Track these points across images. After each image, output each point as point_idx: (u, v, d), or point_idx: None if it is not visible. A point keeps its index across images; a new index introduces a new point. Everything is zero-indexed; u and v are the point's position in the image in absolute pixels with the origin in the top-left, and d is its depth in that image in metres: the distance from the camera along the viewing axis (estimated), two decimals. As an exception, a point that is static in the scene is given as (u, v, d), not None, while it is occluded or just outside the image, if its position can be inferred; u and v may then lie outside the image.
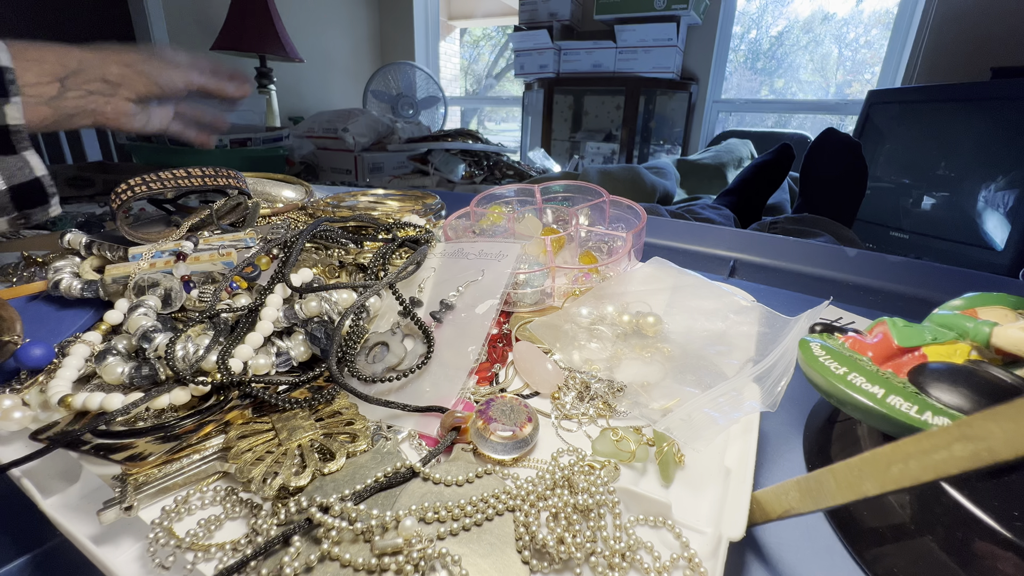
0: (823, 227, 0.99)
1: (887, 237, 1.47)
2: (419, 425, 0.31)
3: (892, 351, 0.31)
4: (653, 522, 0.25)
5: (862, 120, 1.58)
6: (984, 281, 0.61)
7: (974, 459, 0.16)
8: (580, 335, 0.41)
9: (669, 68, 2.12)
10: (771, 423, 0.36)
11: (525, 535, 0.23)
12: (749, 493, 0.25)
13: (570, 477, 0.26)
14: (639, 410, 0.34)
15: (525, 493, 0.25)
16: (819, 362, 0.30)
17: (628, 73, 2.19)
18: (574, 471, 0.27)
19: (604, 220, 0.56)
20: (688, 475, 0.29)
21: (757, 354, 0.36)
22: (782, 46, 2.58)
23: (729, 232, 0.75)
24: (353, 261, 0.47)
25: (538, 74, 2.41)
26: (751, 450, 0.28)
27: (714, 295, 0.44)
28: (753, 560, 0.26)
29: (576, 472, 0.27)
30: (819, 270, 0.64)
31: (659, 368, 0.37)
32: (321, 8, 2.74)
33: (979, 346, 0.30)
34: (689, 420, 0.29)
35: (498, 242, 0.47)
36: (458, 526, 0.24)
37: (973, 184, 1.30)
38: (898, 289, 0.59)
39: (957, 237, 1.32)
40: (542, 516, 0.24)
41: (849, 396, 0.27)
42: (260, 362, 0.32)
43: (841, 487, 0.20)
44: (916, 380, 0.27)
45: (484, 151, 1.85)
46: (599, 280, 0.47)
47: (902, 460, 0.18)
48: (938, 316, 0.34)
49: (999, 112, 1.26)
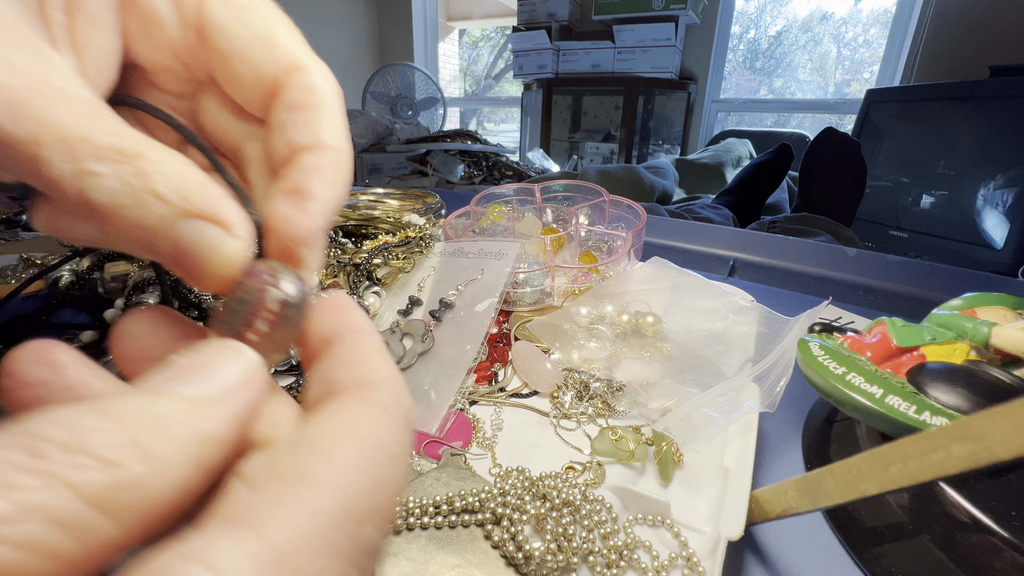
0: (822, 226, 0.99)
1: (886, 236, 1.47)
2: (416, 424, 0.31)
3: (891, 351, 0.31)
4: (652, 521, 0.25)
5: (861, 119, 1.58)
6: (983, 280, 0.61)
7: (972, 459, 0.16)
8: (579, 334, 0.41)
9: (668, 68, 2.12)
10: (770, 423, 0.36)
11: (510, 545, 0.23)
12: (748, 493, 0.25)
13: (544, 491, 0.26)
14: (638, 410, 0.34)
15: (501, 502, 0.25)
16: (818, 362, 0.30)
17: (627, 73, 2.19)
18: (545, 483, 0.26)
19: (604, 219, 0.56)
20: (687, 475, 0.29)
21: (756, 354, 0.36)
22: (781, 46, 2.59)
23: (728, 231, 0.75)
24: (350, 261, 0.47)
25: (537, 75, 2.41)
26: (750, 450, 0.28)
27: (713, 295, 0.44)
28: (752, 559, 0.26)
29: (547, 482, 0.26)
30: (818, 270, 0.64)
31: (658, 368, 0.37)
32: (320, 9, 2.73)
33: (978, 346, 0.30)
34: (688, 420, 0.30)
35: (498, 241, 0.47)
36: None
37: (972, 182, 1.30)
38: (897, 289, 0.59)
39: (956, 236, 1.32)
40: (525, 529, 0.24)
41: (848, 396, 0.27)
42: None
43: (840, 487, 0.20)
44: (915, 380, 0.27)
45: (483, 152, 1.85)
46: (598, 279, 0.47)
47: (901, 460, 0.18)
48: (937, 316, 0.34)
49: (998, 110, 1.26)
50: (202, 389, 0.11)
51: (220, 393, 0.11)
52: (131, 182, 0.12)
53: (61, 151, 0.11)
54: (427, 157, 1.79)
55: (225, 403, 0.11)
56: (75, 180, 0.11)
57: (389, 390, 0.12)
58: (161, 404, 0.10)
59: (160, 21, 0.15)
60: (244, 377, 0.12)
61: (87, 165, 0.11)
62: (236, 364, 0.12)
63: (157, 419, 0.09)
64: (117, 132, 0.12)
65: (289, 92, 0.16)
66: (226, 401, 0.11)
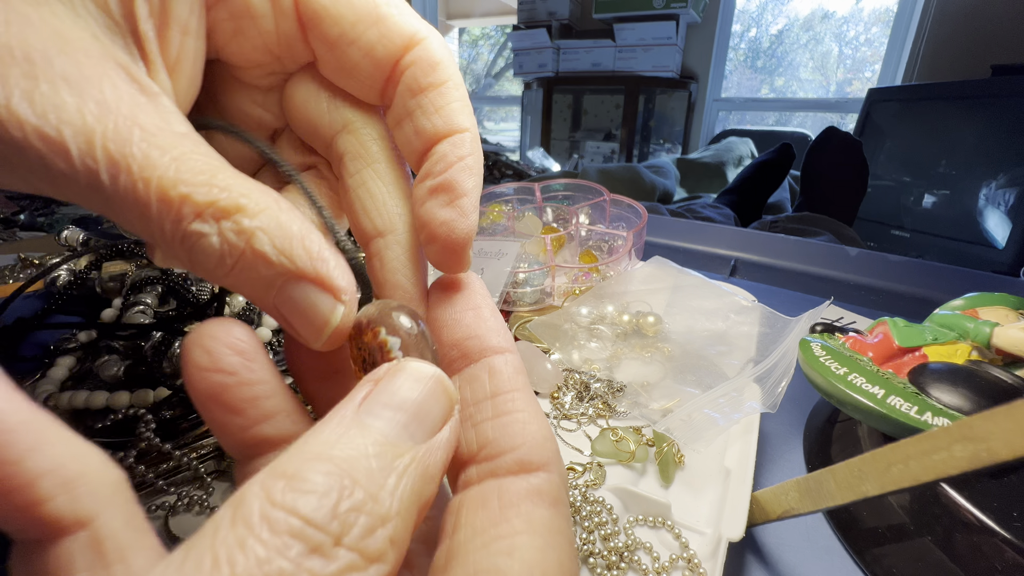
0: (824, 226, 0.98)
1: (888, 235, 1.47)
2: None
3: (893, 351, 0.31)
4: (652, 523, 0.25)
5: (862, 118, 1.57)
6: (985, 280, 0.61)
7: (974, 460, 0.16)
8: (580, 335, 0.41)
9: (668, 67, 2.12)
10: (771, 423, 0.36)
11: None
12: (749, 494, 0.25)
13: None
14: (639, 410, 0.33)
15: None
16: (819, 362, 0.29)
17: (627, 72, 2.19)
18: None
19: (604, 219, 0.56)
20: (688, 476, 0.29)
21: (758, 354, 0.36)
22: (782, 44, 2.58)
23: (730, 231, 0.75)
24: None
25: (537, 73, 2.41)
26: (751, 451, 0.28)
27: (715, 295, 0.44)
28: (753, 561, 0.26)
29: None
30: (820, 269, 0.64)
31: (659, 368, 0.37)
32: (320, 7, 2.73)
33: (980, 346, 0.30)
34: (689, 421, 0.29)
35: (498, 240, 0.47)
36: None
37: (974, 182, 1.30)
38: (899, 289, 0.59)
39: (958, 235, 1.32)
40: None
41: (849, 396, 0.27)
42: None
43: (841, 487, 0.20)
44: (916, 380, 0.27)
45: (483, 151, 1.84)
46: (599, 279, 0.47)
47: (902, 461, 0.18)
48: (939, 316, 0.34)
49: (999, 109, 1.25)
50: (419, 432, 0.11)
51: (435, 441, 0.11)
52: (232, 241, 0.11)
53: (162, 210, 0.11)
54: (427, 156, 1.78)
55: (439, 454, 0.11)
56: (178, 240, 0.11)
57: (551, 469, 0.12)
58: (388, 452, 0.10)
59: (255, 15, 0.14)
60: (448, 409, 0.12)
61: (189, 227, 0.11)
62: (441, 397, 0.12)
63: (391, 476, 0.10)
64: (214, 182, 0.11)
65: (412, 73, 0.15)
66: (440, 451, 0.11)
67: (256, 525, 0.08)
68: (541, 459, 0.12)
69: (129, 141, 0.11)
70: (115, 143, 0.11)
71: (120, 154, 0.11)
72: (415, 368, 0.12)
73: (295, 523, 0.08)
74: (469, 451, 0.13)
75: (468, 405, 0.13)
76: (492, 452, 0.12)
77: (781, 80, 2.63)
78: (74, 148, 0.10)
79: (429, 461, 0.11)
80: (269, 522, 0.08)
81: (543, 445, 0.12)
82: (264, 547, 0.08)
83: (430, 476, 0.11)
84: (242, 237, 0.11)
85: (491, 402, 0.13)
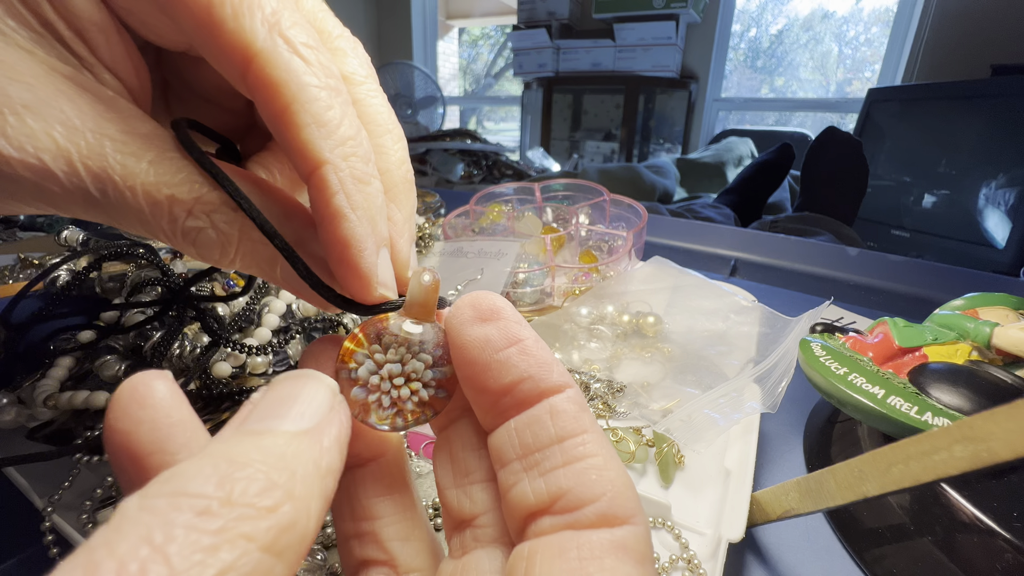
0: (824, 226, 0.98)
1: (888, 235, 1.47)
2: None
3: (893, 351, 0.31)
4: (652, 523, 0.25)
5: (862, 118, 1.57)
6: (985, 280, 0.61)
7: (974, 460, 0.16)
8: (580, 335, 0.41)
9: (668, 67, 2.12)
10: (771, 424, 0.36)
11: None
12: (749, 494, 0.25)
13: None
14: (639, 411, 0.33)
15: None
16: (820, 362, 0.29)
17: (627, 72, 2.19)
18: None
19: (604, 219, 0.56)
20: (688, 476, 0.29)
21: (758, 355, 0.36)
22: (782, 44, 2.58)
23: (730, 231, 0.75)
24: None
25: (537, 73, 2.41)
26: (751, 451, 0.28)
27: (715, 295, 0.44)
28: (753, 561, 0.26)
29: None
30: (820, 269, 0.64)
31: (659, 368, 0.37)
32: (320, 7, 2.73)
33: (980, 347, 0.30)
34: (689, 421, 0.29)
35: (497, 240, 0.47)
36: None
37: (974, 182, 1.30)
38: (899, 289, 0.59)
39: (958, 235, 1.32)
40: None
41: (849, 396, 0.27)
42: (258, 360, 0.32)
43: (841, 488, 0.20)
44: (916, 380, 0.27)
45: (483, 151, 1.84)
46: (599, 279, 0.47)
47: (902, 461, 0.18)
48: (939, 316, 0.34)
49: (1000, 109, 1.25)
50: (300, 423, 0.11)
51: (319, 423, 0.11)
52: (226, 230, 0.12)
53: (155, 213, 0.12)
54: (426, 156, 1.78)
55: (326, 432, 0.11)
56: (179, 237, 0.12)
57: (637, 522, 0.11)
58: (273, 443, 0.10)
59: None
60: (330, 403, 0.11)
61: (185, 223, 0.12)
62: (320, 393, 0.11)
63: (281, 459, 0.09)
64: (194, 177, 0.12)
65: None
66: (326, 430, 0.11)
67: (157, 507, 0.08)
68: (625, 512, 0.11)
69: (103, 155, 0.11)
70: (92, 159, 0.11)
71: (100, 168, 0.11)
72: (281, 376, 0.12)
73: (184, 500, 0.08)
74: (540, 501, 0.12)
75: (532, 451, 0.12)
76: (570, 504, 0.11)
77: (781, 80, 2.63)
78: (58, 171, 0.11)
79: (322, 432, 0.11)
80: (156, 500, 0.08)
81: (625, 495, 0.11)
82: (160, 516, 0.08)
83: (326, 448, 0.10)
84: (233, 225, 0.12)
85: (559, 447, 0.12)
